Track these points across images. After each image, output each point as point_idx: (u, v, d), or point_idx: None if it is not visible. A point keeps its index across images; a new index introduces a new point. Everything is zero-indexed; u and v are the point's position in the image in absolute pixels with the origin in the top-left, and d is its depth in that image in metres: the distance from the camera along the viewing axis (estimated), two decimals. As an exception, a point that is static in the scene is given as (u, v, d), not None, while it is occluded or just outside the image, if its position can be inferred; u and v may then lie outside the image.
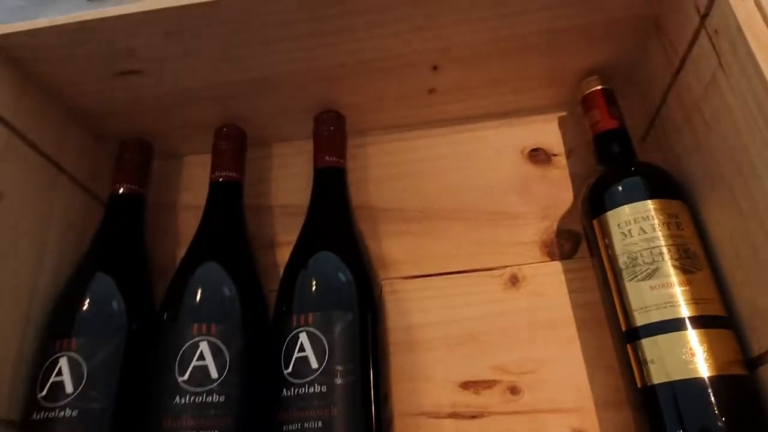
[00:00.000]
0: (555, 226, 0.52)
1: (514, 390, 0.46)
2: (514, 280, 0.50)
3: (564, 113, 0.56)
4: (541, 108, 0.56)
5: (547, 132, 0.56)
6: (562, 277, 0.49)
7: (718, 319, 0.39)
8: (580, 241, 0.51)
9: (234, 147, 0.53)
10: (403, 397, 0.46)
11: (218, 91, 0.52)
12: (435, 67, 0.51)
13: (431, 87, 0.54)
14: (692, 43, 0.42)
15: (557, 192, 0.53)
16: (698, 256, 0.41)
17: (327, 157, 0.50)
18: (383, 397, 0.42)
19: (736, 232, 0.39)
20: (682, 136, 0.45)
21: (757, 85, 0.35)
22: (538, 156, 0.55)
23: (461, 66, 0.51)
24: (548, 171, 0.54)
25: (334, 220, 0.48)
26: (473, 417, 0.45)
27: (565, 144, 0.55)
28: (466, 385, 0.46)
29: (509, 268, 0.50)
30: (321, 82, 0.52)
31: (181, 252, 0.48)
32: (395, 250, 0.53)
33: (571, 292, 0.49)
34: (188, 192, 0.58)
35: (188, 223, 0.54)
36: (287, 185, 0.57)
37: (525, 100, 0.56)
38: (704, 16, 0.40)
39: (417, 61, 0.51)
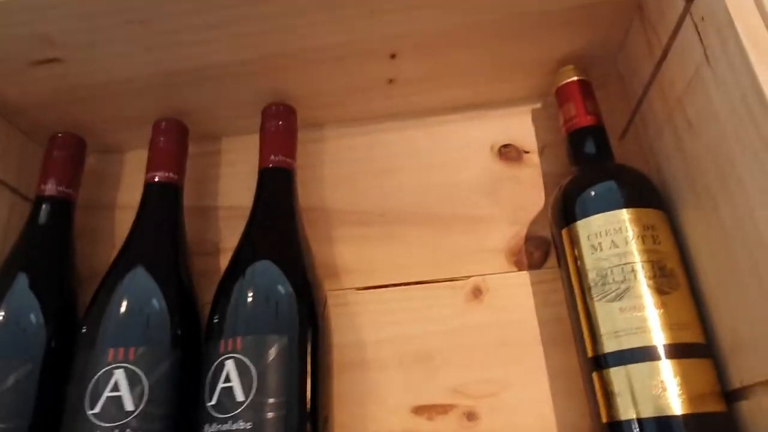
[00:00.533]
0: (524, 232, 0.47)
1: (471, 416, 0.41)
2: (476, 293, 0.45)
3: (538, 105, 0.51)
4: (514, 100, 0.51)
5: (520, 126, 0.51)
6: (530, 289, 0.45)
7: (695, 348, 0.35)
8: (551, 248, 0.46)
9: (173, 144, 0.48)
10: (350, 422, 0.42)
11: (155, 82, 0.47)
12: (393, 56, 0.46)
13: (391, 77, 0.49)
14: (676, 31, 0.37)
15: (528, 193, 0.48)
16: (675, 274, 0.37)
17: (272, 156, 0.45)
18: (323, 422, 0.38)
19: (717, 251, 0.34)
20: (663, 135, 0.40)
21: (746, 85, 0.29)
22: (508, 153, 0.50)
23: (422, 54, 0.46)
24: (519, 170, 0.49)
25: (276, 228, 0.43)
26: (427, 444, 0.41)
27: (538, 140, 0.50)
28: (418, 410, 0.42)
29: (472, 278, 0.46)
30: (269, 71, 0.47)
31: (118, 258, 0.44)
32: (349, 258, 0.48)
33: (538, 306, 0.44)
34: (128, 191, 0.53)
35: (127, 224, 0.49)
36: (235, 184, 0.52)
37: (496, 91, 0.51)
38: (690, 0, 0.35)
39: (373, 49, 0.46)
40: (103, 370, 0.36)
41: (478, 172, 0.50)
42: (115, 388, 0.35)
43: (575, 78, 0.45)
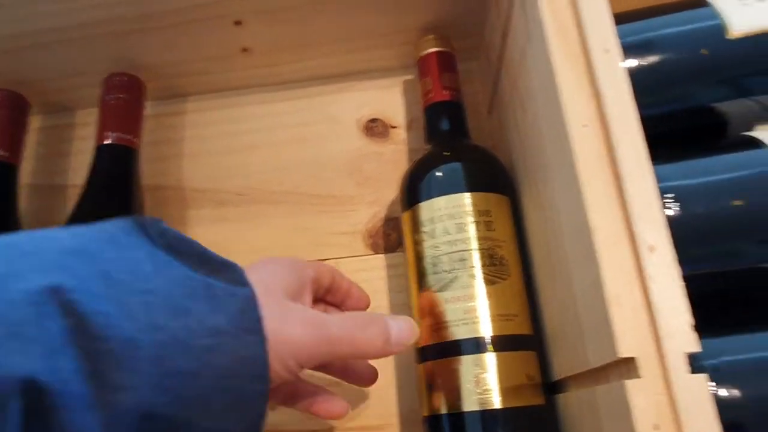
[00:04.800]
0: (383, 213, 0.45)
1: (313, 404, 0.40)
2: (330, 277, 0.43)
3: (410, 76, 0.48)
4: (384, 70, 0.48)
5: (389, 99, 0.48)
6: (384, 273, 0.43)
7: (520, 339, 0.34)
8: (410, 231, 0.44)
9: (5, 118, 0.44)
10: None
11: (-21, 49, 0.43)
12: (238, 22, 0.43)
13: (244, 46, 0.45)
14: (511, 3, 0.34)
15: (391, 172, 0.46)
16: (507, 262, 0.35)
17: (109, 133, 0.42)
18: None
19: (541, 240, 0.33)
20: (508, 114, 0.38)
21: (548, 66, 0.27)
22: (375, 128, 0.47)
23: (269, 22, 0.43)
24: (384, 146, 0.47)
25: (104, 212, 0.40)
26: (267, 434, 0.40)
27: (407, 113, 0.48)
28: (261, 399, 0.41)
29: (327, 262, 0.44)
30: (113, 37, 0.44)
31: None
32: (204, 241, 0.44)
33: (391, 290, 0.43)
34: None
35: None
36: (88, 161, 0.48)
37: (361, 61, 0.48)
38: (521, -32, 0.32)
39: (217, 15, 0.42)
40: None
41: (343, 149, 0.47)
42: None
43: (433, 49, 0.42)
